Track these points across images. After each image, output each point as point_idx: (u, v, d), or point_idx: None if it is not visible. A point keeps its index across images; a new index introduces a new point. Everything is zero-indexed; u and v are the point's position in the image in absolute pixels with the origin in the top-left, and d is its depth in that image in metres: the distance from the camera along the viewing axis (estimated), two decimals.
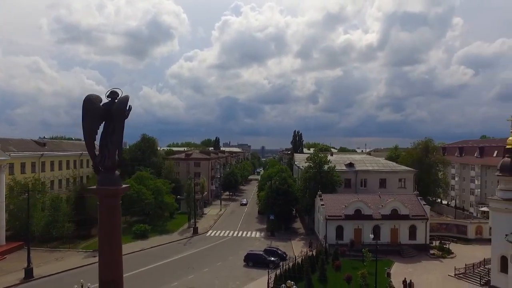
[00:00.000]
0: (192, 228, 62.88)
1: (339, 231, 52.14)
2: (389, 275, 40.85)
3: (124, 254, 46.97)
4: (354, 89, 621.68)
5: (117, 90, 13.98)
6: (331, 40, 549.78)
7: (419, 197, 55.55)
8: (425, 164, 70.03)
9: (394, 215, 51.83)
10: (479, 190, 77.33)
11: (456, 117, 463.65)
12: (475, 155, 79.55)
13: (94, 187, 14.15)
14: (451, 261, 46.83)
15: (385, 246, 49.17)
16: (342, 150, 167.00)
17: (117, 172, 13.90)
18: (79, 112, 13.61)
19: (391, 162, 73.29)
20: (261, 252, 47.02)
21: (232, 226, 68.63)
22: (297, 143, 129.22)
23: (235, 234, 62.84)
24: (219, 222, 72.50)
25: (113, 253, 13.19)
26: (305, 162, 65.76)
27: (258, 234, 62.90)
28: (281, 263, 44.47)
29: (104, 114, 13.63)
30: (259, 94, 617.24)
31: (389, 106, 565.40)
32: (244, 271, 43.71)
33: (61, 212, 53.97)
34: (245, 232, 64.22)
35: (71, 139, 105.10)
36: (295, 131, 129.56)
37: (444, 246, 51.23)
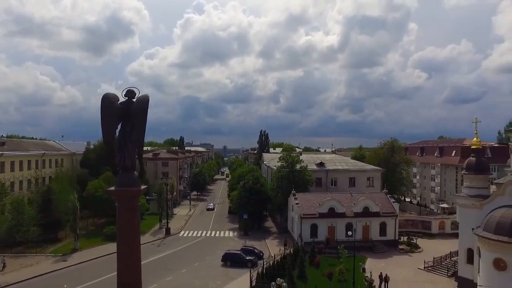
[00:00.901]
0: (164, 229, 61.87)
1: (314, 229, 53.32)
2: (364, 270, 42.44)
3: (98, 257, 46.21)
4: (315, 89, 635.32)
5: (134, 89, 13.67)
6: (293, 41, 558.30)
7: (388, 195, 57.94)
8: (391, 163, 73.04)
9: (366, 213, 53.76)
10: (439, 187, 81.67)
11: (411, 118, 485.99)
12: (435, 154, 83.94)
13: (113, 188, 13.76)
14: (419, 255, 49.30)
15: (358, 243, 50.78)
16: (307, 150, 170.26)
17: (135, 173, 13.59)
18: (32, 109, 13.10)
19: (359, 161, 75.81)
20: (238, 252, 47.20)
21: (204, 226, 68.23)
22: (264, 143, 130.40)
23: (208, 234, 62.53)
24: (190, 223, 71.81)
25: (132, 254, 12.96)
26: (278, 162, 66.57)
27: (231, 234, 62.97)
28: (258, 262, 45.13)
29: (122, 113, 13.27)
30: (221, 93, 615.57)
31: (348, 107, 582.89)
32: (222, 271, 43.73)
33: (25, 215, 51.19)
34: (217, 232, 64.06)
35: (33, 138, 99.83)
36: (261, 130, 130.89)
37: (412, 241, 53.76)
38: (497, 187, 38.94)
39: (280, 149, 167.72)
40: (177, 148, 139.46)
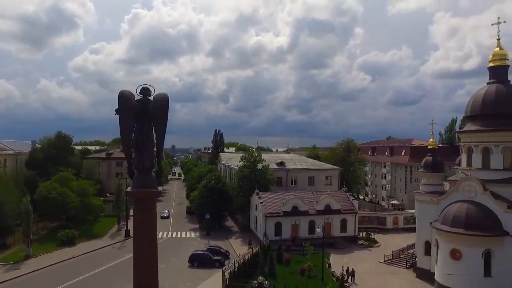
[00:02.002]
0: (123, 231, 59.65)
1: (278, 227, 54.14)
2: (330, 265, 43.93)
3: (55, 263, 43.62)
4: (264, 89, 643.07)
5: (149, 87, 13.17)
6: (243, 41, 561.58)
7: (347, 193, 60.33)
8: (347, 162, 76.11)
9: (328, 210, 55.52)
10: (389, 185, 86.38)
11: (356, 118, 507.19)
12: (386, 154, 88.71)
13: (129, 189, 13.17)
14: (377, 250, 51.95)
15: (320, 240, 52.41)
16: (260, 149, 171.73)
17: (153, 174, 13.16)
18: None
19: (317, 161, 78.09)
20: (206, 252, 46.79)
21: (164, 227, 66.64)
22: (218, 142, 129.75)
23: (169, 235, 61.24)
24: None
25: (149, 256, 12.54)
26: (239, 161, 66.76)
27: (193, 234, 62.18)
28: (225, 262, 45.14)
29: (139, 112, 12.74)
30: (170, 92, 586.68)
31: (296, 107, 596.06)
32: (190, 272, 43.16)
33: None
34: (179, 233, 62.94)
35: None
36: (216, 130, 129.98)
37: (370, 236, 56.43)
38: (451, 184, 42.17)
39: (234, 148, 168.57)
40: None
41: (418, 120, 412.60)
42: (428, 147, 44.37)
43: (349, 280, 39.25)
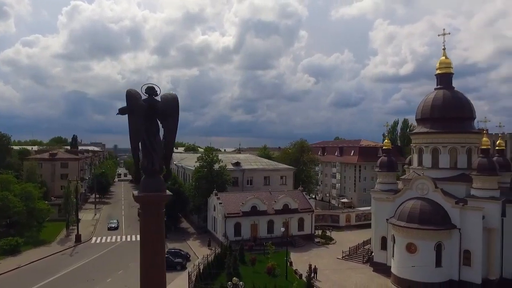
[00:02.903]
0: (73, 236, 56.33)
1: (238, 227, 54.24)
2: (291, 264, 44.92)
3: None
4: (209, 89, 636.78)
5: (155, 86, 12.61)
6: (189, 39, 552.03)
7: (303, 193, 61.97)
8: (301, 162, 78.10)
9: (286, 210, 56.61)
10: (339, 184, 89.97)
11: (300, 119, 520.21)
12: (336, 154, 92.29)
13: (136, 192, 12.51)
14: (334, 246, 54.02)
15: (279, 239, 53.44)
16: (210, 149, 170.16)
17: (161, 177, 12.59)
18: None
19: (272, 161, 79.25)
20: (166, 255, 45.46)
21: (117, 231, 64.02)
22: None
23: (123, 239, 58.92)
24: (100, 228, 66.60)
25: (157, 264, 11.98)
26: (196, 162, 65.97)
27: None
28: (187, 264, 44.57)
29: (147, 112, 12.15)
30: (112, 90, 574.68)
31: (242, 107, 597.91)
32: None
33: None
34: (133, 236, 60.64)
35: None
36: None
37: (326, 234, 58.40)
38: (404, 182, 45.01)
39: (182, 148, 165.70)
40: (69, 148, 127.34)
41: (358, 121, 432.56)
42: (383, 147, 46.96)
43: (312, 277, 40.37)
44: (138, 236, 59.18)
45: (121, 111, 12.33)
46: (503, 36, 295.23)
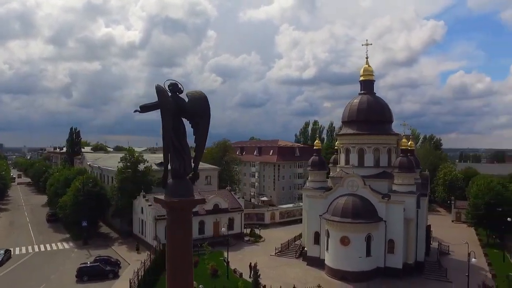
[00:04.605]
0: None
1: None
2: (228, 263, 45.16)
3: None
4: (112, 85, 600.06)
5: (178, 83, 11.86)
6: (91, 31, 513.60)
7: (232, 192, 62.58)
8: (224, 162, 78.62)
9: (216, 209, 56.64)
10: (258, 183, 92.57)
11: None
12: (255, 153, 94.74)
13: (162, 197, 11.60)
14: (264, 244, 55.72)
15: (211, 239, 53.41)
16: (119, 149, 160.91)
17: (189, 181, 11.88)
18: None
19: None
20: (97, 264, 42.25)
21: (26, 241, 56.89)
22: (75, 141, 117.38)
23: (37, 249, 52.66)
24: (4, 238, 58.55)
25: (185, 273, 11.28)
26: (119, 162, 62.09)
27: (66, 245, 54.97)
28: (119, 272, 42.24)
29: (175, 111, 11.36)
30: None
31: None
32: None
33: None
34: (48, 245, 54.67)
35: None
36: (72, 128, 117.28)
37: (255, 232, 59.84)
38: (332, 180, 48.44)
39: (89, 148, 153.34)
40: None
41: (263, 121, 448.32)
42: (314, 147, 49.99)
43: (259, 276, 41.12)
44: (54, 245, 54.08)
45: (144, 108, 11.55)
46: (389, 49, 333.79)
